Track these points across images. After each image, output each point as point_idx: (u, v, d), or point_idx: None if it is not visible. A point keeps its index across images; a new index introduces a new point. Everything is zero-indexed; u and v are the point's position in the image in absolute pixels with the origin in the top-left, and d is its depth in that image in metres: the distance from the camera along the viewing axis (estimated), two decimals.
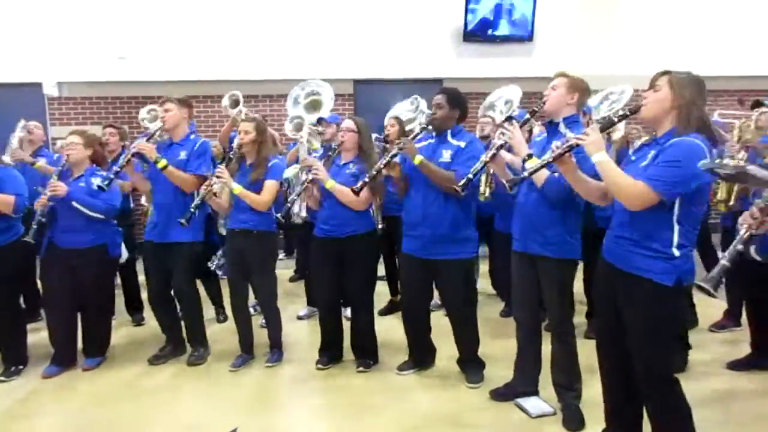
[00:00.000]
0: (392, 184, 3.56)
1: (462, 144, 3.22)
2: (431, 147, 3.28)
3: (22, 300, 4.12)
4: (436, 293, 3.63)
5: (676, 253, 2.20)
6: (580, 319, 4.08)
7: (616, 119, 2.42)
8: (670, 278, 2.19)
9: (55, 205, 3.55)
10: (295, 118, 4.85)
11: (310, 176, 3.40)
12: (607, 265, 2.38)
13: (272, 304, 3.78)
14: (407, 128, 4.76)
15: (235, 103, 5.23)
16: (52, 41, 6.71)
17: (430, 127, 3.28)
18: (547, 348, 3.05)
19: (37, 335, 3.96)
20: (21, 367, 3.64)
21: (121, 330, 4.38)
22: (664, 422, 2.29)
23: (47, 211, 3.52)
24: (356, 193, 3.26)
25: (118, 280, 4.71)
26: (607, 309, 2.40)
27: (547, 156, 2.46)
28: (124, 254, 3.98)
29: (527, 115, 3.24)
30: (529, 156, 2.69)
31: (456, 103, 3.26)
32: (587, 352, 3.31)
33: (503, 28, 7.29)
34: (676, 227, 2.19)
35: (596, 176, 2.42)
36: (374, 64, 7.21)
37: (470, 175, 2.87)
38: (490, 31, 7.29)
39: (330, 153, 3.56)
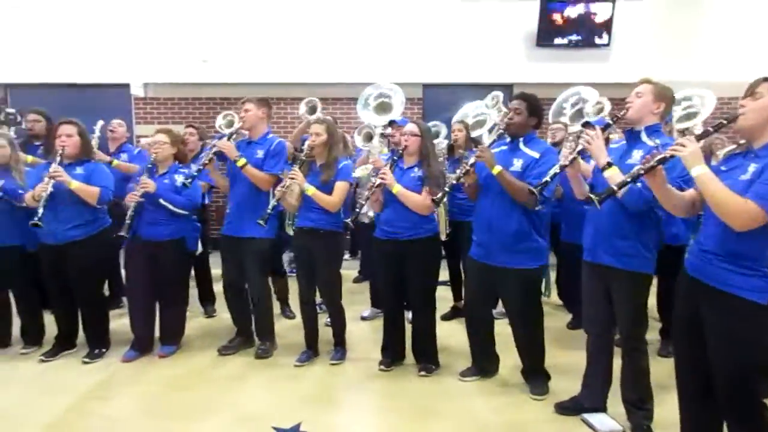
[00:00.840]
0: (463, 189, 3.55)
1: (536, 154, 3.13)
2: (503, 154, 3.22)
3: (106, 287, 4.41)
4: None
5: None
6: (653, 335, 3.91)
7: (712, 129, 2.29)
8: (763, 296, 2.07)
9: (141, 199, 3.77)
10: (364, 129, 4.91)
11: (378, 181, 3.44)
12: (691, 281, 2.26)
13: (336, 303, 3.85)
14: (474, 132, 4.73)
15: (312, 110, 5.36)
16: (139, 45, 7.13)
17: (504, 133, 3.23)
18: (618, 364, 2.94)
19: (119, 322, 4.20)
20: (104, 350, 3.88)
21: (194, 321, 4.58)
22: None
23: (135, 205, 3.74)
24: (437, 203, 3.31)
25: (192, 273, 4.94)
26: (689, 327, 2.29)
27: (636, 169, 2.35)
28: (199, 248, 4.16)
29: (608, 121, 3.13)
30: (609, 165, 2.61)
31: (534, 110, 3.19)
32: (660, 370, 3.19)
33: (579, 33, 7.10)
34: None
35: (680, 188, 2.32)
36: (443, 68, 7.20)
37: (547, 178, 2.82)
38: (565, 36, 7.11)
39: (395, 157, 3.58)
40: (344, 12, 7.17)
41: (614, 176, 2.57)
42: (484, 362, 3.54)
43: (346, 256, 6.61)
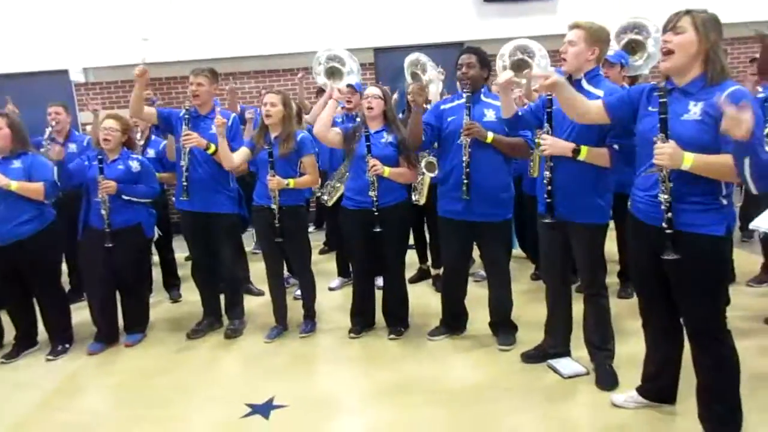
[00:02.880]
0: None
1: None
2: (462, 108, 3.20)
3: (68, 281, 4.29)
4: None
5: (724, 201, 2.15)
6: (612, 279, 4.04)
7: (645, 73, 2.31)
8: (720, 228, 2.14)
9: (89, 186, 3.65)
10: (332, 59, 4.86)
11: (372, 174, 3.40)
12: (643, 226, 2.29)
13: (307, 274, 3.84)
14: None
15: None
16: (75, 28, 6.78)
17: (467, 93, 3.21)
18: (578, 309, 3.03)
19: (82, 315, 4.10)
20: (67, 345, 3.80)
21: (160, 307, 4.51)
22: (716, 375, 2.25)
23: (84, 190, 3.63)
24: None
25: (155, 258, 4.85)
26: (648, 269, 2.35)
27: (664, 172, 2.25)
28: (156, 233, 4.06)
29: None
30: (577, 150, 2.69)
31: (484, 62, 3.25)
32: (619, 311, 3.32)
33: None
34: None
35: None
36: (393, 31, 7.08)
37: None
38: None
39: (354, 123, 3.53)
40: None
41: (589, 155, 2.65)
42: (453, 319, 3.60)
43: (311, 228, 6.58)
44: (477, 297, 3.63)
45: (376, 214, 3.42)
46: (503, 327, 3.43)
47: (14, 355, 3.73)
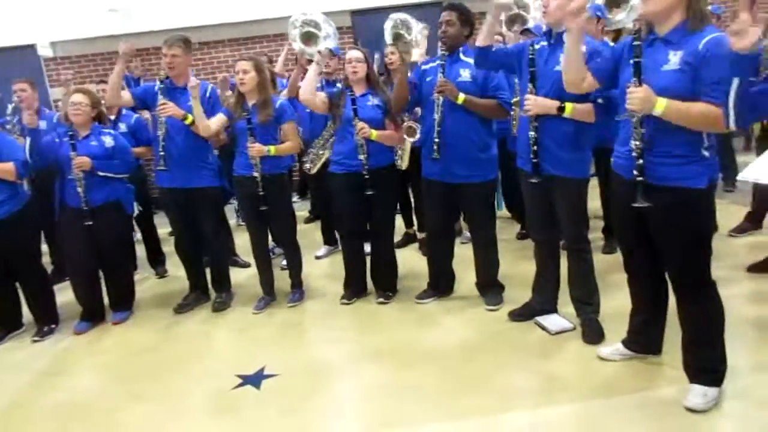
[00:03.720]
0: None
1: None
2: (447, 69, 3.13)
3: (50, 261, 4.22)
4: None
5: (706, 153, 2.13)
6: (596, 234, 4.07)
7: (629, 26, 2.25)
8: (702, 181, 2.13)
9: (62, 164, 3.55)
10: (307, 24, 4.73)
11: (360, 137, 3.36)
12: (626, 181, 2.26)
13: (292, 243, 3.83)
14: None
15: None
16: (40, 1, 6.53)
17: (443, 51, 3.15)
18: (564, 266, 3.04)
19: (67, 295, 4.04)
20: (53, 326, 3.76)
21: (146, 283, 4.49)
22: (700, 325, 2.28)
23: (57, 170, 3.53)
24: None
25: (138, 236, 4.79)
26: (631, 224, 2.34)
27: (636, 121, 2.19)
28: (135, 209, 4.00)
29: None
30: (562, 108, 2.67)
31: (466, 20, 3.17)
32: (604, 267, 3.34)
33: None
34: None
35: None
36: None
37: None
38: None
39: (335, 88, 3.46)
40: None
41: (575, 112, 2.63)
42: (441, 282, 3.61)
43: (295, 197, 6.52)
44: (464, 258, 3.63)
45: (366, 177, 3.39)
46: (490, 287, 3.45)
47: (0, 338, 3.69)
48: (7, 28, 6.58)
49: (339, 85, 3.92)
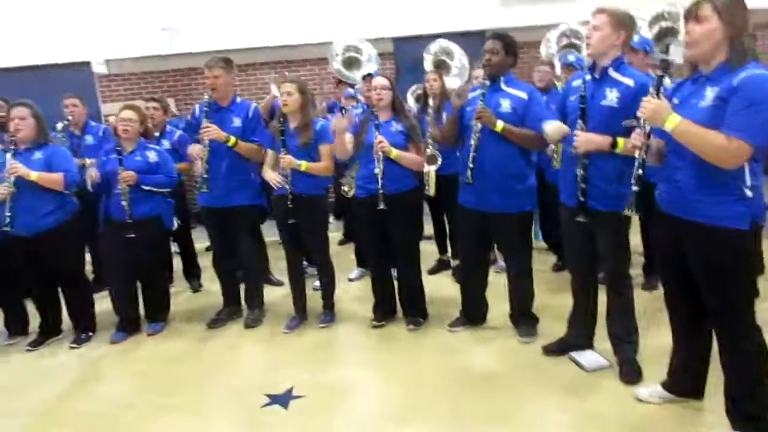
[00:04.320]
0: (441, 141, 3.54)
1: (523, 95, 3.12)
2: (487, 97, 3.12)
3: (91, 270, 4.33)
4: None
5: (749, 193, 2.07)
6: (636, 270, 3.96)
7: (660, 74, 2.22)
8: (745, 221, 2.07)
9: (110, 177, 3.67)
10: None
11: (378, 149, 3.37)
12: (669, 218, 2.23)
13: (327, 264, 3.84)
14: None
15: None
16: (97, 20, 6.84)
17: (485, 79, 3.16)
18: (602, 301, 2.97)
19: (105, 304, 4.14)
20: (90, 333, 3.85)
21: (181, 296, 4.56)
22: (744, 371, 2.19)
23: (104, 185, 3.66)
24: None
25: (176, 248, 4.89)
26: (673, 261, 2.28)
27: (638, 158, 2.33)
28: (175, 223, 4.09)
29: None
30: (614, 145, 2.60)
31: (510, 49, 3.16)
32: (644, 304, 3.24)
33: None
34: (747, 166, 2.05)
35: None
36: (413, 20, 7.00)
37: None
38: None
39: (374, 117, 3.49)
40: None
41: (626, 147, 2.55)
42: (473, 310, 3.56)
43: (331, 218, 6.57)
44: (498, 287, 3.57)
45: (381, 192, 3.39)
46: (524, 319, 3.39)
47: (39, 343, 3.80)
48: (65, 46, 6.90)
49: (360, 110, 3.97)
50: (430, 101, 4.37)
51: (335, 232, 5.34)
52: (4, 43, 6.84)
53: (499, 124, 3.07)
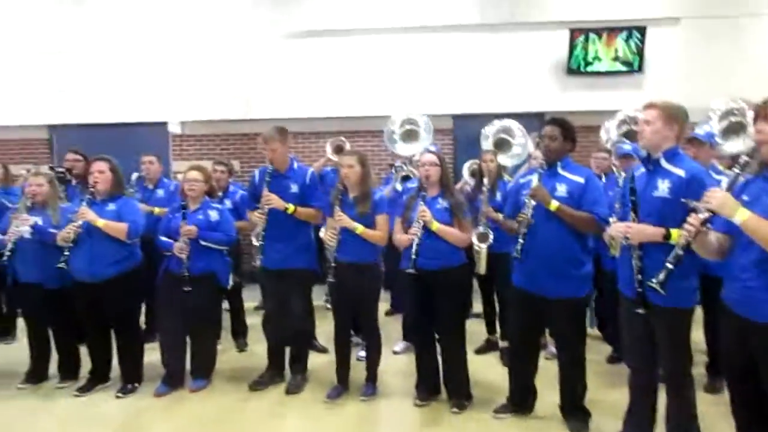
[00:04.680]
0: (500, 226, 3.55)
1: (580, 179, 3.10)
2: (543, 182, 3.13)
3: (143, 321, 4.45)
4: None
5: None
6: (699, 369, 3.72)
7: (738, 170, 2.18)
8: None
9: (173, 234, 3.80)
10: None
11: (420, 218, 3.40)
12: (738, 319, 2.13)
13: (376, 336, 3.80)
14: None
15: (338, 149, 5.48)
16: (175, 86, 7.37)
17: (543, 163, 3.19)
18: (662, 400, 2.80)
19: (151, 355, 4.21)
20: (137, 385, 3.90)
21: (226, 354, 4.57)
22: None
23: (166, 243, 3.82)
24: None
25: (226, 305, 4.97)
26: (741, 364, 2.16)
27: (683, 240, 2.28)
28: (230, 281, 4.18)
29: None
30: (667, 236, 2.55)
31: (569, 135, 3.18)
32: (707, 407, 3.03)
33: (610, 61, 7.03)
34: None
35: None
36: (473, 99, 7.20)
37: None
38: (595, 64, 7.06)
39: (422, 192, 3.54)
40: (373, 45, 7.28)
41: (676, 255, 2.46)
42: (521, 397, 3.41)
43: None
44: (548, 375, 3.43)
45: (414, 258, 3.36)
46: (574, 412, 3.22)
47: (88, 389, 3.87)
48: (145, 107, 7.43)
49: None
50: (485, 180, 4.42)
51: (382, 302, 5.30)
52: (91, 101, 7.43)
53: (554, 204, 3.04)
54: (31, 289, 3.88)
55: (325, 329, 4.33)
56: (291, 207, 3.75)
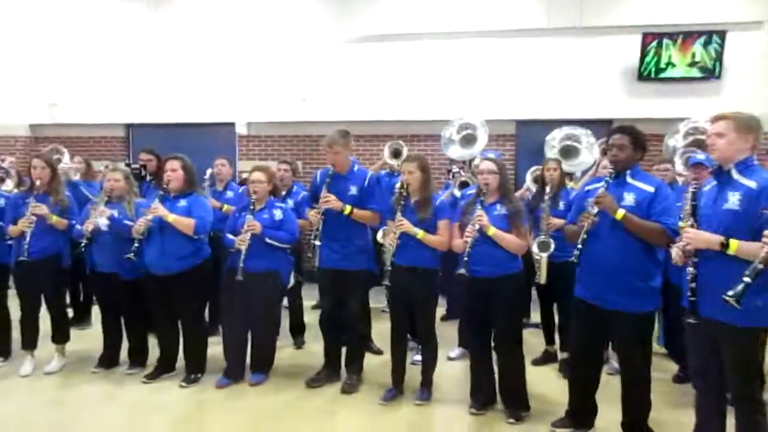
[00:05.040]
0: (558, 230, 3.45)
1: (650, 188, 2.96)
2: (609, 190, 3.02)
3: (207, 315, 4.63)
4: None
5: None
6: None
7: None
8: None
9: (239, 233, 3.91)
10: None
11: (476, 222, 3.37)
12: None
13: (432, 341, 3.79)
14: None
15: (396, 153, 5.51)
16: (243, 88, 7.63)
17: (611, 172, 3.07)
18: (731, 424, 2.65)
19: (214, 349, 4.35)
20: (199, 375, 4.06)
21: (283, 351, 4.66)
22: None
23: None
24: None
25: (285, 303, 5.08)
26: None
27: (764, 253, 2.20)
28: (292, 281, 4.28)
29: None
30: (725, 244, 2.44)
31: (639, 144, 3.05)
32: None
33: (685, 67, 6.73)
34: None
35: None
36: (538, 104, 7.06)
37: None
38: (669, 70, 6.77)
39: (481, 198, 3.50)
40: (436, 49, 7.27)
41: (741, 251, 2.40)
42: (581, 412, 3.31)
43: None
44: (611, 390, 3.30)
45: (466, 260, 3.32)
46: (637, 431, 3.09)
47: (154, 376, 4.06)
48: (214, 108, 7.73)
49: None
50: (547, 188, 4.34)
51: (439, 307, 5.27)
52: (165, 102, 7.80)
53: (620, 212, 2.92)
54: (106, 279, 4.11)
55: (381, 331, 4.35)
56: (348, 208, 3.79)
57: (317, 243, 3.88)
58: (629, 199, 2.99)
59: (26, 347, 4.28)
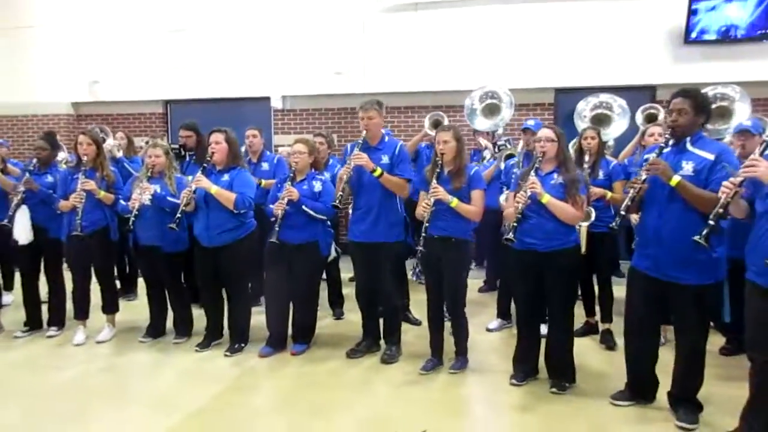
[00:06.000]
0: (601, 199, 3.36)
1: (710, 156, 2.82)
2: (666, 157, 2.91)
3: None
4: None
5: None
6: None
7: None
8: None
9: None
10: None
11: (528, 191, 3.29)
12: None
13: (460, 311, 3.78)
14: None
15: (436, 123, 5.45)
16: (278, 62, 7.64)
17: (669, 140, 2.93)
18: None
19: (256, 318, 4.44)
20: (243, 345, 4.17)
21: (323, 322, 4.73)
22: None
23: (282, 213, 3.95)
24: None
25: (324, 275, 5.15)
26: None
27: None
28: (332, 253, 4.31)
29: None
30: None
31: (701, 107, 2.89)
32: None
33: (734, 28, 6.41)
34: None
35: None
36: (577, 71, 6.85)
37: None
38: (717, 31, 6.46)
39: (535, 162, 3.43)
40: (472, 17, 7.11)
41: None
42: (641, 385, 3.23)
43: (472, 264, 6.50)
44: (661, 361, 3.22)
45: (514, 225, 3.29)
46: (685, 402, 3.04)
47: (205, 345, 4.20)
48: (250, 82, 7.77)
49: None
50: (586, 157, 4.23)
51: (475, 279, 5.27)
52: (202, 78, 7.87)
53: (675, 178, 2.79)
54: (150, 252, 4.23)
55: (419, 302, 4.37)
56: (378, 170, 3.74)
57: (339, 205, 3.85)
58: (687, 167, 2.85)
59: (79, 317, 4.47)
